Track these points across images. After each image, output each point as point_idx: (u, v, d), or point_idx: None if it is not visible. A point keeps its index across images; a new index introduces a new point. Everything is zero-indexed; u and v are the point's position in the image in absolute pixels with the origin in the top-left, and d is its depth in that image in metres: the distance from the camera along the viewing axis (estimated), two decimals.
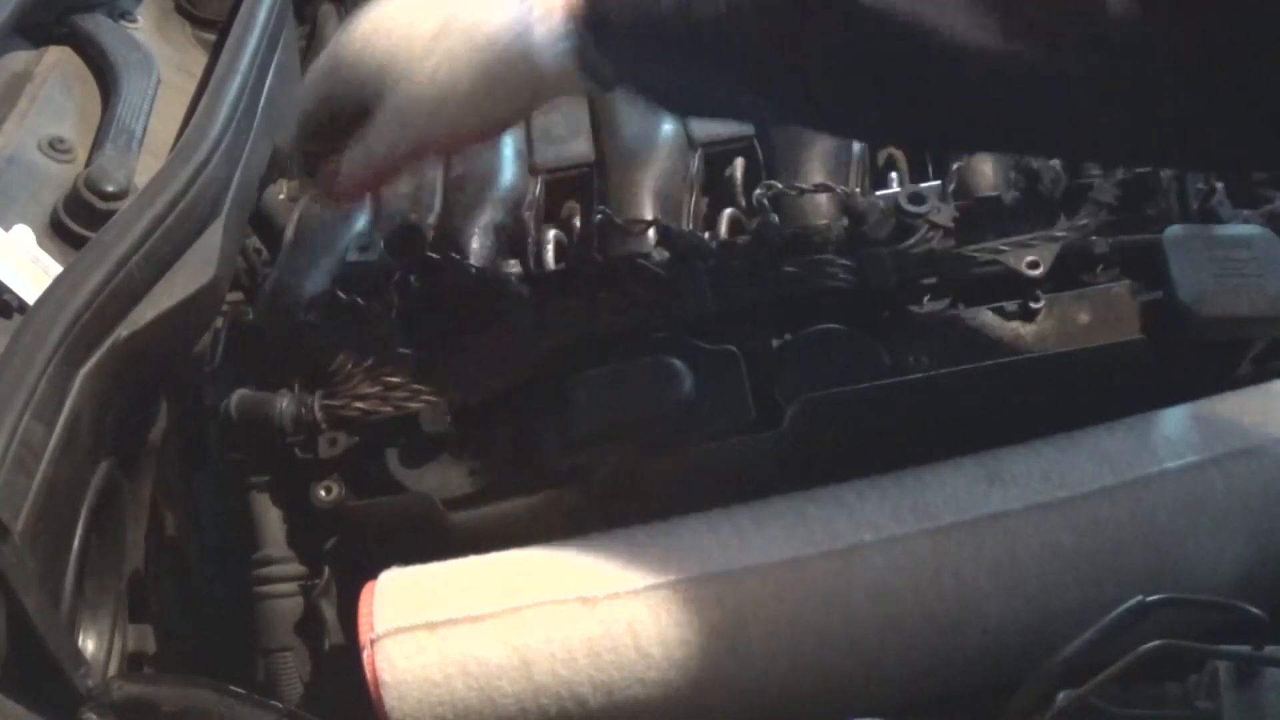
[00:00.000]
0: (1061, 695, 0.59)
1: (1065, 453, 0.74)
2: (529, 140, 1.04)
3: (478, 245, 0.89)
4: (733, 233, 0.94)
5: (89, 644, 0.77)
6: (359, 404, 0.79)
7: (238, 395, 0.80)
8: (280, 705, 0.70)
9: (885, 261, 0.82)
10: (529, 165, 0.98)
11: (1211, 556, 0.72)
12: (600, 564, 0.73)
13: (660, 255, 0.87)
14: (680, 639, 0.70)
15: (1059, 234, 0.83)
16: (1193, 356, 0.79)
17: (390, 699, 0.71)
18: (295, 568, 0.81)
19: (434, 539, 0.77)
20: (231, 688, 0.69)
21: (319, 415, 0.79)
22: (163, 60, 1.02)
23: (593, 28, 0.68)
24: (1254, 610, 0.61)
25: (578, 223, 0.94)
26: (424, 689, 0.71)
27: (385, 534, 0.79)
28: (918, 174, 0.96)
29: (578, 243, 0.92)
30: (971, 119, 0.67)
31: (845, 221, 0.88)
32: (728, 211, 0.96)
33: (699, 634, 0.70)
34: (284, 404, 0.79)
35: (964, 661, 0.72)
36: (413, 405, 0.79)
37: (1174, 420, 0.76)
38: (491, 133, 0.78)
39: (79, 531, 0.71)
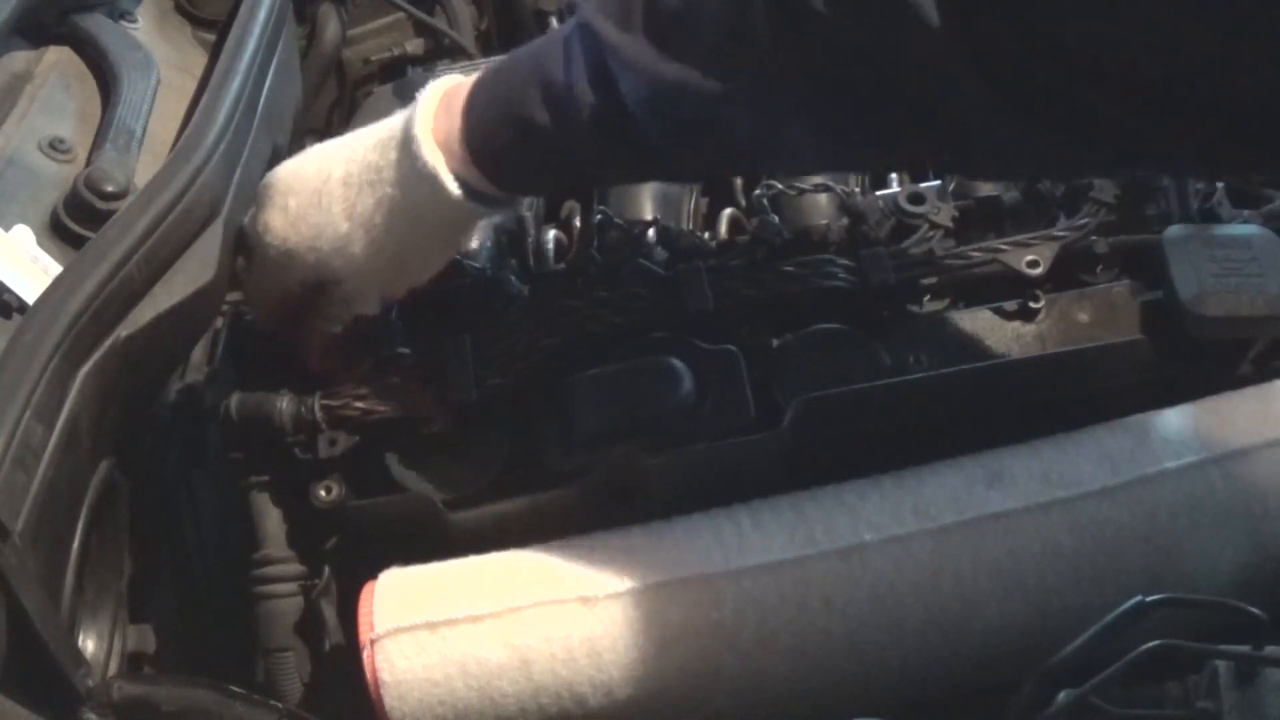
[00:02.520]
0: (1061, 695, 0.59)
1: (1065, 453, 0.74)
2: None
3: (477, 245, 0.89)
4: (733, 233, 0.94)
5: (89, 644, 0.76)
6: (358, 404, 0.79)
7: (237, 395, 0.80)
8: (280, 705, 0.70)
9: (885, 261, 0.82)
10: None
11: (1211, 556, 0.72)
12: (600, 564, 0.73)
13: (660, 255, 0.87)
14: (681, 639, 0.70)
15: (1059, 234, 0.83)
16: (1193, 356, 0.79)
17: (390, 699, 0.71)
18: (295, 568, 0.81)
19: (434, 539, 0.77)
20: (231, 688, 0.69)
21: (318, 415, 0.79)
22: (163, 60, 1.02)
23: (488, 175, 0.75)
24: (1254, 610, 0.61)
25: (578, 223, 0.94)
26: (424, 689, 0.71)
27: (385, 534, 0.79)
28: (918, 174, 0.96)
29: (578, 243, 0.92)
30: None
31: (845, 221, 0.88)
32: (727, 211, 0.96)
33: (699, 634, 0.70)
34: (283, 404, 0.79)
35: (964, 661, 0.72)
36: (413, 405, 0.79)
37: (1174, 420, 0.76)
38: (447, 263, 0.83)
39: (79, 531, 0.71)
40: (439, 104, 0.76)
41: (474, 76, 0.77)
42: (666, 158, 0.74)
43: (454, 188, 0.74)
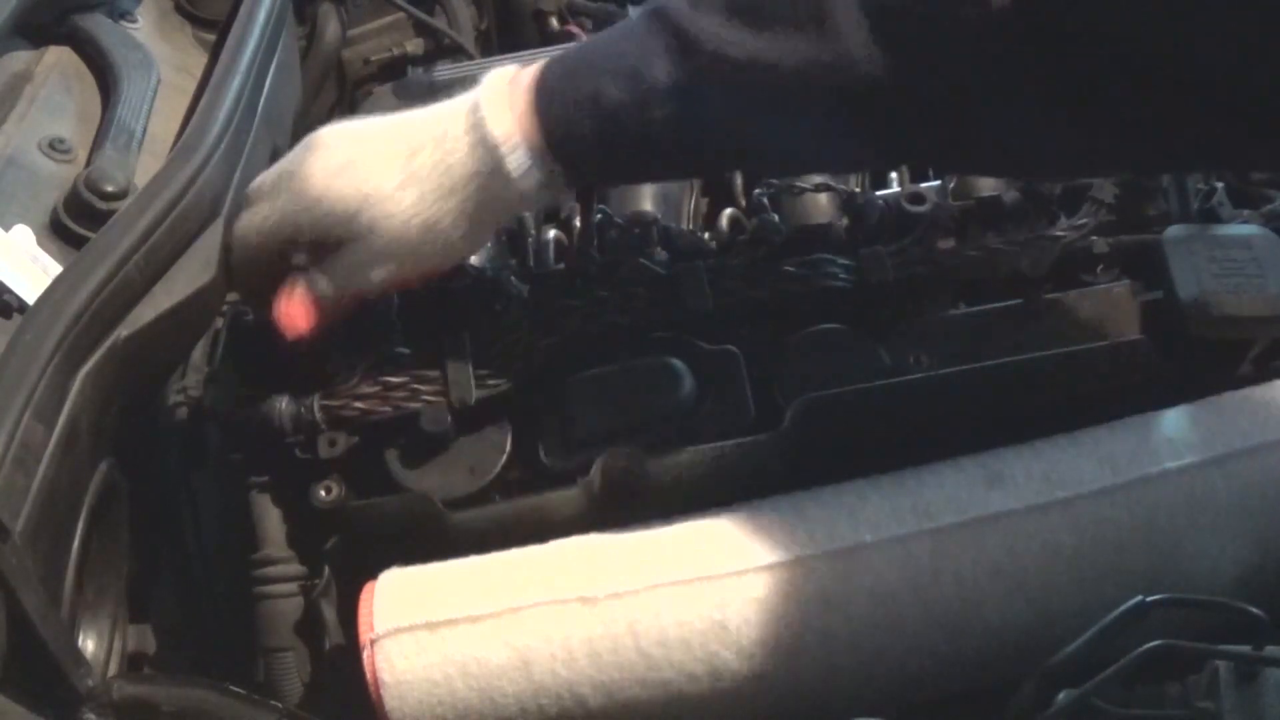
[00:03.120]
0: (1062, 695, 0.59)
1: (1065, 453, 0.74)
2: None
3: None
4: (733, 232, 0.94)
5: (89, 644, 0.76)
6: (358, 404, 0.79)
7: (237, 396, 0.80)
8: (280, 705, 0.70)
9: (885, 261, 0.82)
10: None
11: (1211, 556, 0.72)
12: (600, 564, 0.73)
13: (660, 255, 0.87)
14: (680, 639, 0.70)
15: (1059, 234, 0.83)
16: (1193, 356, 0.79)
17: (390, 699, 0.71)
18: (295, 568, 0.81)
19: (434, 539, 0.77)
20: (231, 688, 0.69)
21: (318, 415, 0.79)
22: (163, 60, 1.02)
23: (561, 160, 0.75)
24: (1254, 610, 0.61)
25: (578, 223, 0.94)
26: (424, 689, 0.71)
27: (385, 534, 0.79)
28: (918, 174, 0.96)
29: (578, 243, 0.92)
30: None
31: (845, 221, 0.88)
32: (728, 211, 0.96)
33: (699, 634, 0.70)
34: (283, 404, 0.79)
35: (964, 661, 0.72)
36: (413, 405, 0.79)
37: (1174, 420, 0.76)
38: (468, 255, 0.83)
39: (79, 531, 0.71)
40: (507, 84, 0.76)
41: (538, 62, 0.77)
42: (737, 144, 0.75)
43: (520, 163, 0.74)
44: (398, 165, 0.75)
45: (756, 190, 0.94)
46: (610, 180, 0.87)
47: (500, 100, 0.75)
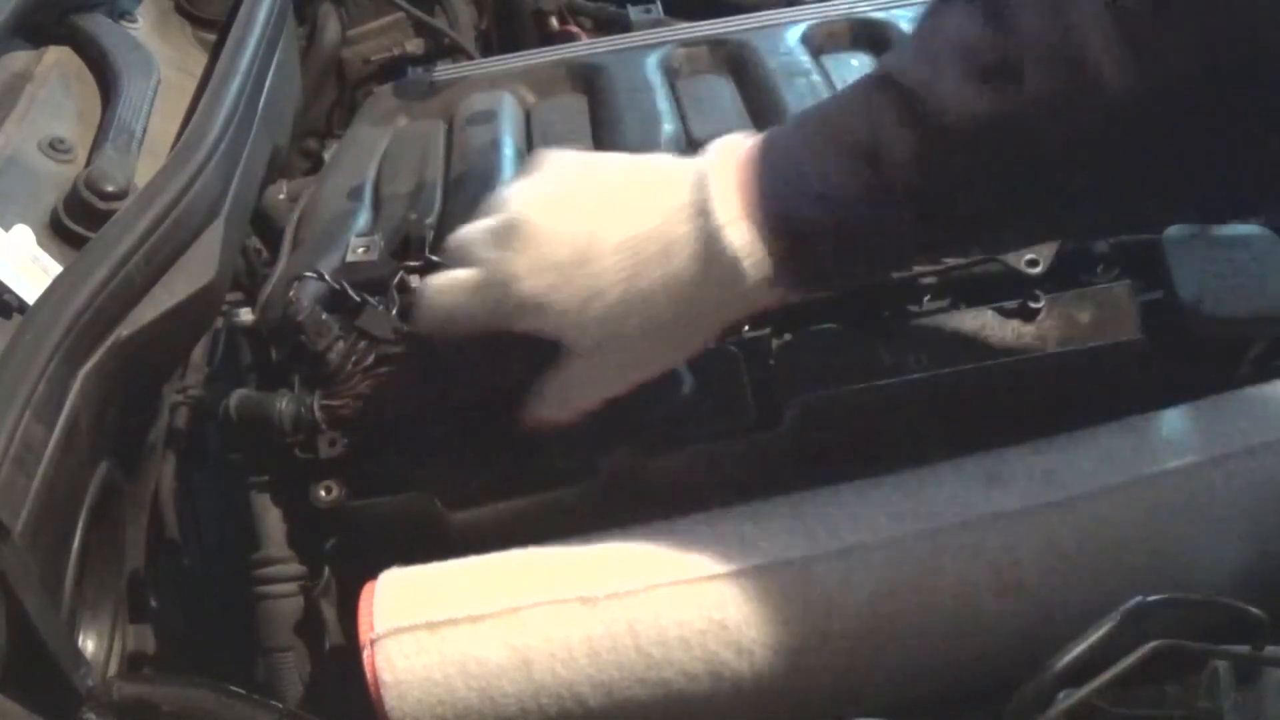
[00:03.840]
0: (1061, 695, 0.59)
1: (1065, 453, 0.74)
2: (529, 140, 1.04)
3: None
4: None
5: (89, 644, 0.77)
6: (358, 404, 0.79)
7: (237, 395, 0.80)
8: (280, 705, 0.70)
9: None
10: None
11: (1211, 556, 0.72)
12: (600, 564, 0.73)
13: None
14: (680, 639, 0.70)
15: None
16: (1193, 356, 0.79)
17: (390, 699, 0.71)
18: (295, 568, 0.81)
19: (434, 539, 0.77)
20: (231, 688, 0.69)
21: (318, 415, 0.79)
22: (163, 60, 1.02)
23: (791, 255, 0.66)
24: (1254, 610, 0.61)
25: None
26: (424, 689, 0.71)
27: (385, 534, 0.79)
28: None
29: None
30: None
31: None
32: None
33: (699, 634, 0.70)
34: (283, 404, 0.79)
35: (964, 662, 0.72)
36: (413, 405, 0.79)
37: (1174, 420, 0.76)
38: (689, 357, 0.75)
39: (79, 531, 0.71)
40: (734, 171, 0.67)
41: (749, 141, 0.68)
42: (986, 219, 0.66)
43: (759, 272, 0.65)
44: (627, 279, 0.67)
45: None
46: (837, 281, 0.75)
47: (731, 197, 0.66)
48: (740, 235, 0.65)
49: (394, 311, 0.83)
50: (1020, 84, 0.60)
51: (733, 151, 0.68)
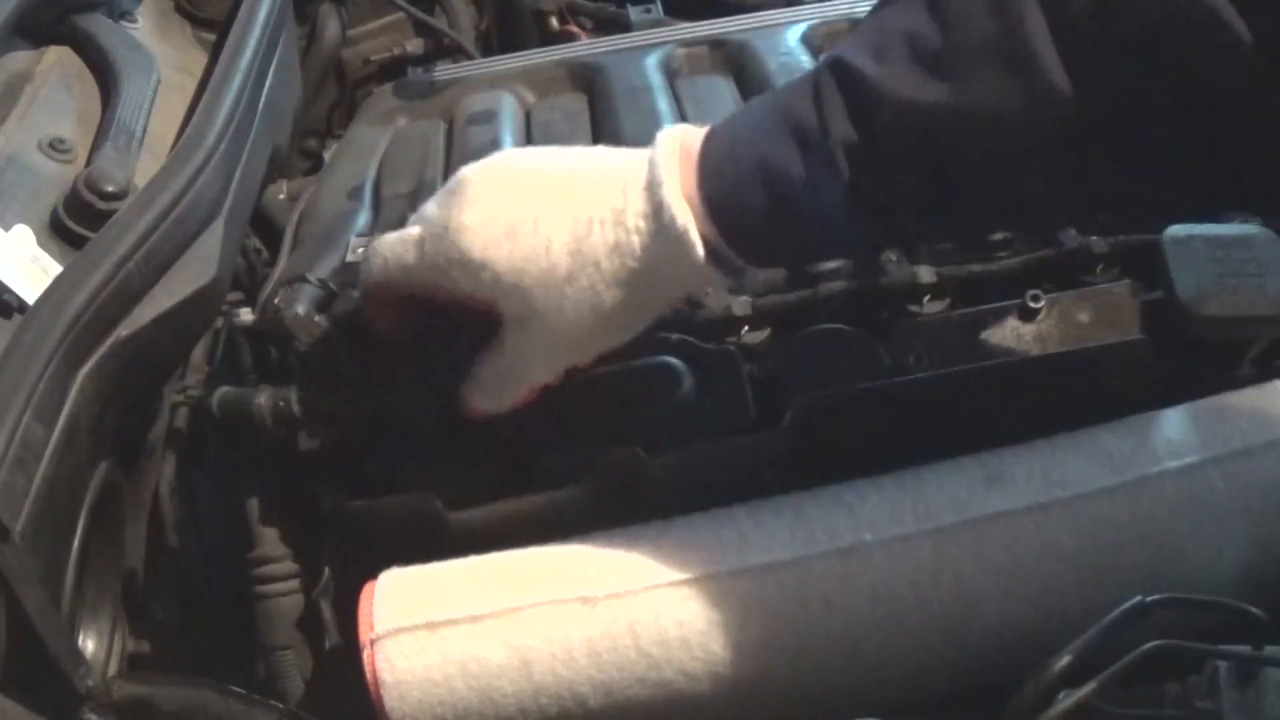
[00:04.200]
0: (1061, 695, 0.59)
1: (1065, 453, 0.74)
2: (529, 140, 1.04)
3: None
4: None
5: (89, 644, 0.76)
6: (339, 398, 0.78)
7: (219, 392, 0.79)
8: (280, 705, 0.70)
9: (885, 261, 0.82)
10: None
11: (1211, 556, 0.72)
12: (600, 564, 0.73)
13: None
14: (680, 639, 0.70)
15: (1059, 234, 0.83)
16: (1193, 356, 0.79)
17: (390, 699, 0.71)
18: (291, 565, 0.81)
19: (434, 539, 0.77)
20: (231, 688, 0.69)
21: (296, 410, 0.78)
22: (163, 60, 1.02)
23: (731, 242, 0.67)
24: (1254, 610, 0.61)
25: None
26: (424, 689, 0.71)
27: (385, 534, 0.79)
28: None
29: None
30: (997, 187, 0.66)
31: None
32: None
33: (699, 634, 0.70)
34: (262, 399, 0.78)
35: (964, 662, 0.72)
36: (396, 400, 0.78)
37: (1174, 420, 0.76)
38: (633, 336, 0.74)
39: (79, 531, 0.71)
40: (679, 150, 0.68)
41: (704, 128, 0.69)
42: (923, 206, 0.66)
43: (700, 251, 0.66)
44: (568, 243, 0.68)
45: None
46: (773, 262, 0.76)
47: (675, 172, 0.67)
48: (685, 211, 0.66)
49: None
50: (964, 78, 0.61)
51: (684, 136, 0.69)
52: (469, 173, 0.71)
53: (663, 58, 1.11)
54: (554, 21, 1.45)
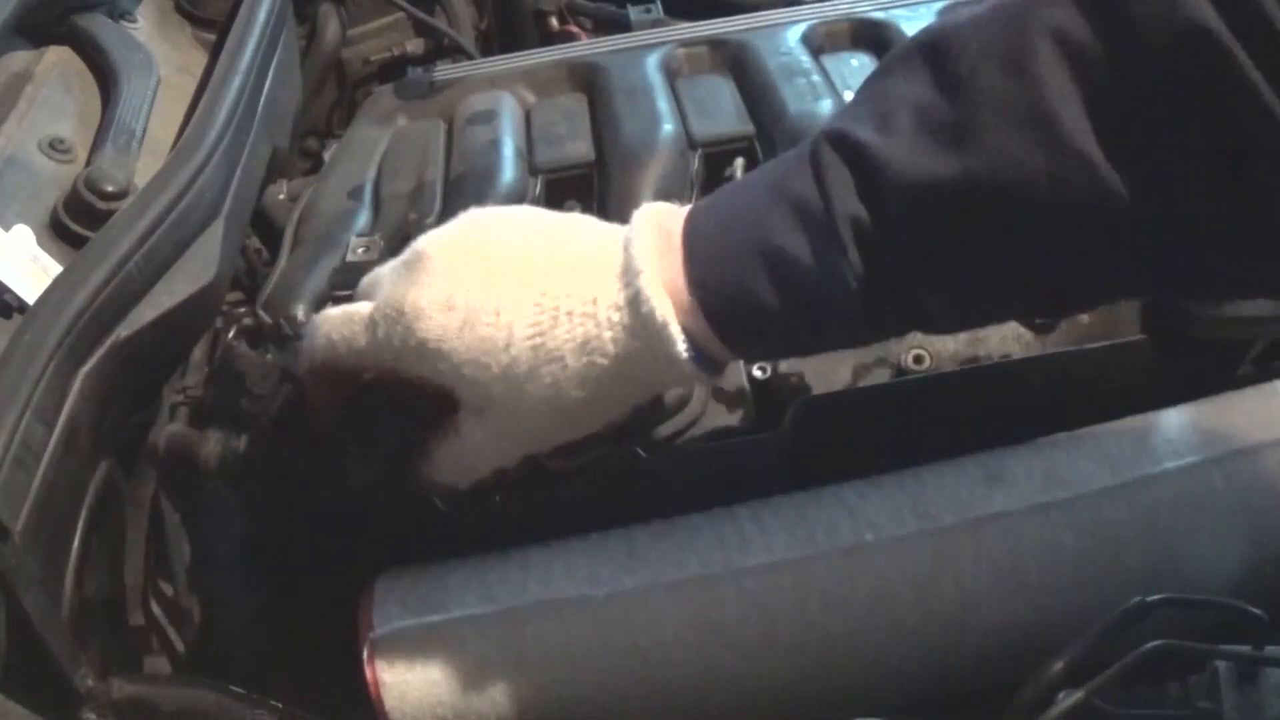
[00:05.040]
0: (1061, 695, 0.59)
1: (1065, 453, 0.74)
2: (529, 140, 1.04)
3: None
4: None
5: (89, 644, 0.76)
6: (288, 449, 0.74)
7: (167, 431, 0.77)
8: (280, 705, 0.70)
9: None
10: (529, 165, 0.98)
11: (1211, 556, 0.72)
12: (600, 564, 0.73)
13: None
14: (680, 639, 0.70)
15: None
16: (1193, 356, 0.79)
17: (390, 699, 0.71)
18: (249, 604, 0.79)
19: (434, 539, 0.77)
20: (231, 688, 0.69)
21: (243, 461, 0.75)
22: (163, 60, 1.02)
23: (724, 335, 0.61)
24: (1254, 610, 0.61)
25: None
26: (424, 689, 0.71)
27: (385, 534, 0.79)
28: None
29: None
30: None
31: None
32: None
33: (699, 634, 0.70)
34: (210, 445, 0.76)
35: (964, 662, 0.72)
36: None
37: (1174, 420, 0.76)
38: (599, 428, 0.68)
39: (79, 531, 0.71)
40: (657, 234, 0.61)
41: (687, 207, 0.63)
42: (947, 291, 0.59)
43: (682, 347, 0.60)
44: (530, 336, 0.61)
45: None
46: (767, 355, 0.71)
47: (654, 261, 0.60)
48: (666, 303, 0.60)
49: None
50: (979, 146, 0.55)
51: (661, 217, 0.63)
52: (428, 246, 0.65)
53: (663, 58, 1.11)
54: (554, 21, 1.45)
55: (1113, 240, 0.56)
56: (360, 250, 0.89)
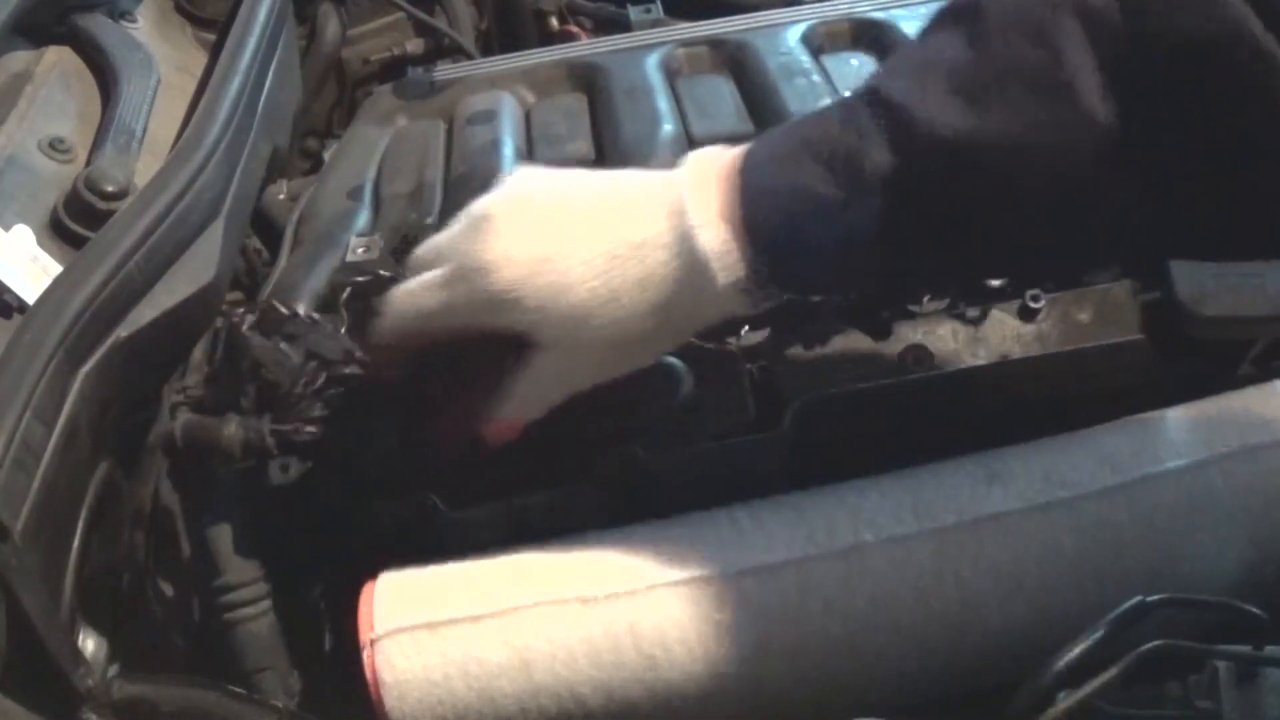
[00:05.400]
0: (1061, 695, 0.59)
1: (1065, 453, 0.74)
2: (529, 140, 1.04)
3: None
4: None
5: (89, 644, 0.76)
6: (310, 429, 0.76)
7: (183, 420, 0.77)
8: (280, 705, 0.70)
9: None
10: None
11: (1211, 556, 0.72)
12: (600, 564, 0.73)
13: None
14: (680, 639, 0.70)
15: None
16: (1193, 356, 0.79)
17: (390, 699, 0.71)
18: (262, 588, 0.78)
19: (434, 539, 0.77)
20: (231, 688, 0.69)
21: (268, 441, 0.76)
22: (163, 60, 1.02)
23: (769, 264, 0.66)
24: (1254, 610, 0.61)
25: None
26: (424, 689, 0.71)
27: (384, 534, 0.79)
28: None
29: None
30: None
31: None
32: None
33: (699, 635, 0.70)
34: (232, 429, 0.76)
35: (964, 662, 0.72)
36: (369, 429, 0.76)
37: (1174, 420, 0.76)
38: (654, 359, 0.75)
39: (79, 531, 0.71)
40: (712, 177, 0.67)
41: (729, 152, 0.68)
42: (945, 241, 0.64)
43: (735, 275, 0.65)
44: (598, 275, 0.67)
45: None
46: (799, 289, 0.72)
47: (708, 201, 0.66)
48: (715, 237, 0.65)
49: (343, 330, 0.80)
50: (1000, 106, 0.60)
51: (712, 160, 0.68)
52: (491, 206, 0.70)
53: (663, 58, 1.11)
54: (554, 21, 1.45)
55: (1105, 206, 0.61)
56: (360, 250, 0.89)
